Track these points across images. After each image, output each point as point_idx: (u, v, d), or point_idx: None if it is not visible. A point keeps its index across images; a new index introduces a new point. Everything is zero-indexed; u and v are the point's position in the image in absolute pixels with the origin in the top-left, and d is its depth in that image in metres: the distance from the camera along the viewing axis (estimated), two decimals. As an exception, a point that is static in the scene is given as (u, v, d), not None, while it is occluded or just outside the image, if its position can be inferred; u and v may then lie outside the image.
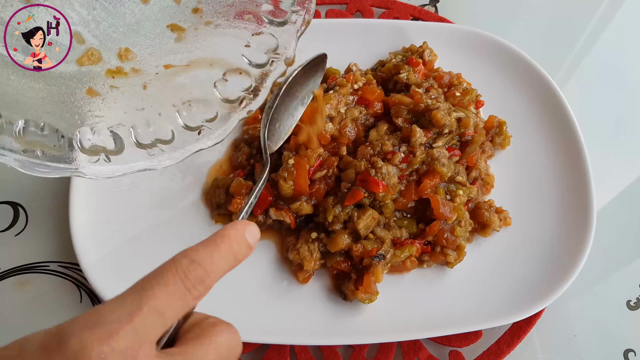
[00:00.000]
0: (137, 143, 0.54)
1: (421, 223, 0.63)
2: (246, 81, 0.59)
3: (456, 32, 0.76)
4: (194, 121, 0.57)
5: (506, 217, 0.65)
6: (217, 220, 0.66)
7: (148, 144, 0.55)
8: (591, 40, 0.84)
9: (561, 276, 0.61)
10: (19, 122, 0.49)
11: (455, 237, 0.62)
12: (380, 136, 0.65)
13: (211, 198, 0.66)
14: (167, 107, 0.56)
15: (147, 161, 0.55)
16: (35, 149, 0.50)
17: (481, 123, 0.67)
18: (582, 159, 0.66)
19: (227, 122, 0.58)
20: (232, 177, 0.66)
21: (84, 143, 0.52)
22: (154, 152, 0.55)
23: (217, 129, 0.58)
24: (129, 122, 0.54)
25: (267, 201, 0.63)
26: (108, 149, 0.53)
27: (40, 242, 0.67)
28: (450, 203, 0.62)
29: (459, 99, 0.67)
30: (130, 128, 0.54)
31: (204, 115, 0.57)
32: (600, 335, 0.64)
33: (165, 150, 0.55)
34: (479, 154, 0.67)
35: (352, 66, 0.73)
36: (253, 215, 0.63)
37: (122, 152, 0.54)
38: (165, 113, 0.56)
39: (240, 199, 0.63)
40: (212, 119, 0.57)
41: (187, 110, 0.56)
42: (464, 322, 0.59)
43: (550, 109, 0.71)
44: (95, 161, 0.52)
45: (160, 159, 0.55)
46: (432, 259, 0.63)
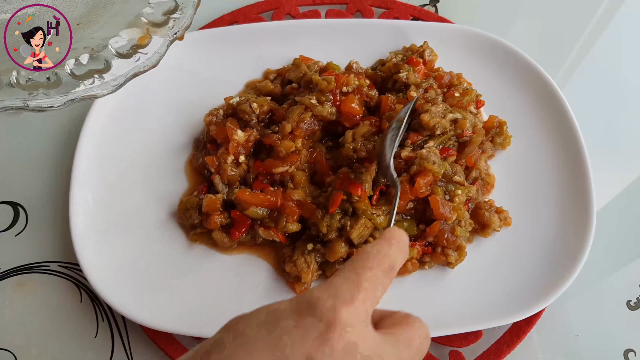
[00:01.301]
0: (72, 75, 0.54)
1: (421, 224, 0.63)
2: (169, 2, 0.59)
3: (456, 32, 0.76)
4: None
5: (506, 217, 0.65)
6: (194, 240, 0.64)
7: (83, 75, 0.55)
8: (591, 40, 0.84)
9: (561, 276, 0.60)
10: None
11: (456, 237, 0.61)
12: (355, 139, 0.64)
13: (184, 221, 0.65)
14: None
15: (84, 92, 0.54)
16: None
17: (480, 123, 0.67)
18: (582, 159, 0.66)
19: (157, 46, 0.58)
20: (197, 194, 0.65)
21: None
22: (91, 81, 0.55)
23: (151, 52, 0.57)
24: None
25: (246, 224, 0.62)
26: (46, 83, 0.53)
27: (40, 242, 0.67)
28: (450, 203, 0.62)
29: (457, 100, 0.67)
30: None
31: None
32: (600, 335, 0.64)
33: (105, 79, 0.55)
34: (478, 154, 0.67)
35: (352, 64, 0.73)
36: (231, 239, 0.62)
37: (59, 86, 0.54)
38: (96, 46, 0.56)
39: (218, 214, 0.62)
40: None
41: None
42: (464, 322, 0.59)
43: (550, 109, 0.71)
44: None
45: (101, 88, 0.55)
46: (433, 259, 0.62)
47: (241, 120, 0.67)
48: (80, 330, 0.62)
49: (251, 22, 0.80)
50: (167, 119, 0.71)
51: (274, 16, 0.81)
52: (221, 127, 0.65)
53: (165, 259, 0.63)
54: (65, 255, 0.66)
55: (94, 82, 0.54)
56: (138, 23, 0.59)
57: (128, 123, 0.70)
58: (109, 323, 0.63)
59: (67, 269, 0.65)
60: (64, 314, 0.63)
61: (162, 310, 0.59)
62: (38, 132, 0.73)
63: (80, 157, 0.66)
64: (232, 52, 0.75)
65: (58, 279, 0.65)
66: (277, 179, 0.64)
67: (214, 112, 0.68)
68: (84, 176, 0.65)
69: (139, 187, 0.67)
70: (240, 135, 0.65)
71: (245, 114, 0.66)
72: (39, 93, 0.53)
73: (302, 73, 0.70)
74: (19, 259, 0.66)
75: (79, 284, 0.65)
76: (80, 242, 0.61)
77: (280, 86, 0.72)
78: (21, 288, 0.64)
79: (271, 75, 0.74)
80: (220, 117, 0.68)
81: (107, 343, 0.62)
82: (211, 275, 0.62)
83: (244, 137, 0.65)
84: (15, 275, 0.65)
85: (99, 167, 0.67)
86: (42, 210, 0.68)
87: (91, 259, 0.61)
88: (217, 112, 0.68)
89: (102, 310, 0.63)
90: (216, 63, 0.75)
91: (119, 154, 0.68)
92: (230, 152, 0.64)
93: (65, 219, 0.63)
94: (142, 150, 0.69)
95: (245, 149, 0.66)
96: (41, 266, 0.65)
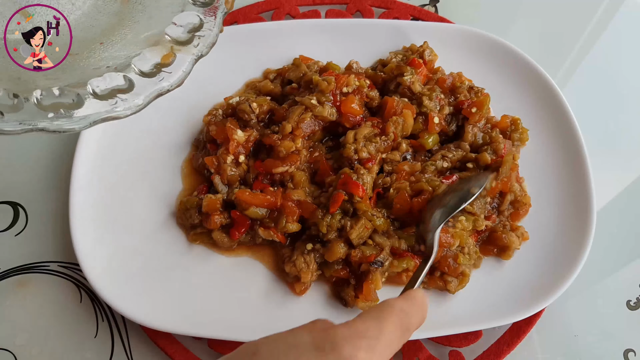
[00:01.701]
0: (94, 95, 0.53)
1: (422, 244, 0.61)
2: (193, 20, 0.58)
3: (456, 32, 0.76)
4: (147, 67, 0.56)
5: (523, 233, 0.64)
6: (193, 240, 0.64)
7: (106, 95, 0.54)
8: (591, 40, 0.84)
9: (561, 276, 0.61)
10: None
11: (458, 264, 0.59)
12: (357, 139, 0.64)
13: (184, 221, 0.64)
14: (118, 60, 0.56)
15: (108, 110, 0.53)
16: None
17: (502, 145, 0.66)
18: (582, 158, 0.66)
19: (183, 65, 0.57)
20: (197, 194, 0.65)
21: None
22: (115, 101, 0.53)
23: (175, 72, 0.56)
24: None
25: (246, 225, 0.62)
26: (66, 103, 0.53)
27: (40, 242, 0.67)
28: (451, 229, 0.60)
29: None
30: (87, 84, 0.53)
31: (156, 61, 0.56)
32: (601, 335, 0.64)
33: (127, 98, 0.54)
34: (512, 177, 0.64)
35: (352, 64, 0.73)
36: (231, 239, 0.62)
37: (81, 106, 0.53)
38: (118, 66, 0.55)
39: (218, 214, 0.62)
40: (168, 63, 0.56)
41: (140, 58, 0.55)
42: (464, 322, 0.59)
43: (551, 109, 0.71)
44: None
45: (123, 107, 0.54)
46: (430, 283, 0.61)
47: (241, 120, 0.67)
48: (80, 330, 0.62)
49: (251, 22, 0.80)
50: (168, 119, 0.71)
51: (274, 16, 0.81)
52: (221, 127, 0.65)
53: (165, 258, 0.63)
54: (65, 255, 0.66)
55: (117, 103, 0.54)
56: (162, 41, 0.58)
57: (128, 123, 0.69)
58: (109, 323, 0.63)
59: (67, 268, 0.65)
60: (63, 314, 0.63)
61: (162, 310, 0.59)
62: (38, 132, 0.73)
63: (80, 157, 0.66)
64: (232, 52, 0.75)
65: (58, 279, 0.65)
66: (277, 179, 0.64)
67: (213, 112, 0.68)
68: (84, 176, 0.65)
69: (139, 187, 0.67)
70: (240, 135, 0.65)
71: (245, 114, 0.66)
72: (60, 114, 0.52)
73: (302, 73, 0.70)
74: (18, 259, 0.66)
75: (78, 284, 0.65)
76: (80, 242, 0.61)
77: (280, 86, 0.72)
78: (21, 288, 0.64)
79: (271, 75, 0.74)
80: (219, 117, 0.68)
81: (107, 343, 0.62)
82: (211, 275, 0.62)
83: (244, 137, 0.65)
84: (15, 275, 0.65)
85: (99, 167, 0.67)
86: (42, 210, 0.68)
87: (91, 259, 0.61)
88: (216, 112, 0.68)
89: (102, 310, 0.63)
90: (216, 63, 0.75)
91: (119, 154, 0.68)
92: (230, 151, 0.64)
93: (65, 219, 0.63)
94: (143, 151, 0.69)
95: (245, 149, 0.66)
96: (41, 266, 0.65)
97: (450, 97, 0.70)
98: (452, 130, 0.69)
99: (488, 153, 0.65)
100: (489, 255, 0.63)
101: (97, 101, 0.53)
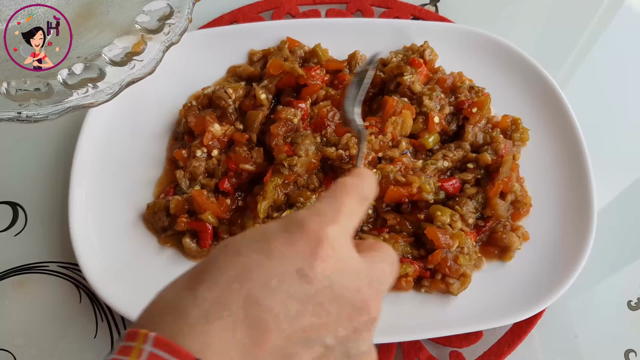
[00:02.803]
0: (65, 84, 0.54)
1: (421, 249, 0.61)
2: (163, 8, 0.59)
3: (457, 32, 0.76)
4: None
5: (523, 233, 0.63)
6: (164, 242, 0.63)
7: (76, 84, 0.54)
8: (592, 40, 0.84)
9: (561, 276, 0.60)
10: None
11: (459, 265, 0.59)
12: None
13: (154, 224, 0.64)
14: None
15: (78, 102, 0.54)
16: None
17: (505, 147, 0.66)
18: (582, 158, 0.66)
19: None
20: (164, 197, 0.64)
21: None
22: (85, 90, 0.54)
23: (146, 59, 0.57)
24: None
25: (208, 232, 0.61)
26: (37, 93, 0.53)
27: (39, 242, 0.67)
28: (449, 229, 0.59)
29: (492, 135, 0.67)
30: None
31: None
32: (601, 336, 0.63)
33: (99, 87, 0.55)
34: (512, 176, 0.64)
35: (357, 54, 0.73)
36: (201, 248, 0.62)
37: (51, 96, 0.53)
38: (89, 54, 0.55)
39: (185, 217, 0.61)
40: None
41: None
42: (465, 322, 0.59)
43: (551, 109, 0.71)
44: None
45: (95, 96, 0.54)
46: (432, 286, 0.60)
47: (218, 109, 0.67)
48: (79, 331, 0.62)
49: (251, 21, 0.80)
50: (168, 119, 0.71)
51: (274, 15, 0.81)
52: (200, 118, 0.65)
53: (165, 259, 0.63)
54: (65, 255, 0.66)
55: (87, 91, 0.54)
56: (132, 30, 0.58)
57: (128, 124, 0.70)
58: (109, 323, 0.63)
59: (67, 269, 0.65)
60: (63, 314, 0.63)
61: (161, 310, 0.59)
62: (38, 132, 0.73)
63: (79, 157, 0.66)
64: (232, 51, 0.75)
65: (57, 279, 0.65)
66: (245, 178, 0.64)
67: (188, 104, 0.68)
68: (83, 176, 0.65)
69: (139, 187, 0.67)
70: (217, 129, 0.64)
71: (221, 100, 0.66)
72: (30, 104, 0.52)
73: (284, 57, 0.70)
74: (18, 259, 0.66)
75: (78, 284, 0.64)
76: (79, 242, 0.61)
77: (260, 68, 0.72)
78: (20, 288, 0.64)
79: (255, 57, 0.74)
80: (195, 109, 0.68)
81: (106, 343, 0.62)
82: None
83: (222, 132, 0.65)
84: (14, 275, 0.65)
85: (98, 167, 0.67)
86: (42, 210, 0.68)
87: (90, 259, 0.61)
88: (190, 103, 0.68)
89: (102, 311, 0.63)
90: (216, 63, 0.75)
91: (119, 154, 0.68)
92: (204, 143, 0.64)
93: (64, 219, 0.63)
94: (143, 151, 0.69)
95: (221, 144, 0.65)
96: (40, 266, 0.65)
97: (451, 97, 0.69)
98: (453, 130, 0.69)
99: (488, 153, 0.65)
100: (491, 259, 0.63)
101: (68, 90, 0.54)
